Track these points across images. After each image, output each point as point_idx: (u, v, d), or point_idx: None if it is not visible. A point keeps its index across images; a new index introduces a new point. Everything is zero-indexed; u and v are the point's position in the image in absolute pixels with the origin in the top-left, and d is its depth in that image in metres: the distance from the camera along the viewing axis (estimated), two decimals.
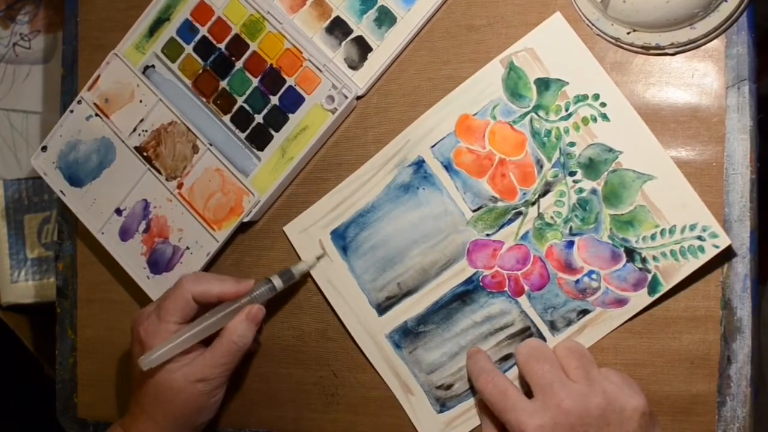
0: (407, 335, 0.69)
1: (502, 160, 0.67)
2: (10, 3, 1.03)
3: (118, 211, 0.75)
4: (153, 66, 0.75)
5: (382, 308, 0.70)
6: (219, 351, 0.66)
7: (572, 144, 0.66)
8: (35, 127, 1.00)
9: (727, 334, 0.64)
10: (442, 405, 0.69)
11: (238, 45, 0.73)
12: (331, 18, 0.71)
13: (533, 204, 0.67)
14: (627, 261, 0.64)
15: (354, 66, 0.71)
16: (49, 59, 1.01)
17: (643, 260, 0.64)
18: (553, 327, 0.66)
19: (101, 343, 0.79)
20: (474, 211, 0.68)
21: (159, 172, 0.73)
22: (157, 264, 0.74)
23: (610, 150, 0.65)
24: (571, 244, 0.66)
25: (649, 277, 0.64)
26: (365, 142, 0.72)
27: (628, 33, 0.65)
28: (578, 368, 0.61)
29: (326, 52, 0.71)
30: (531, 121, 0.67)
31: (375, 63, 0.71)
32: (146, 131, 0.74)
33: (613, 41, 0.66)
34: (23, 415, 1.10)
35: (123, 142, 0.74)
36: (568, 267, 0.66)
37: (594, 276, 0.65)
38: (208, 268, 0.74)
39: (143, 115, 0.74)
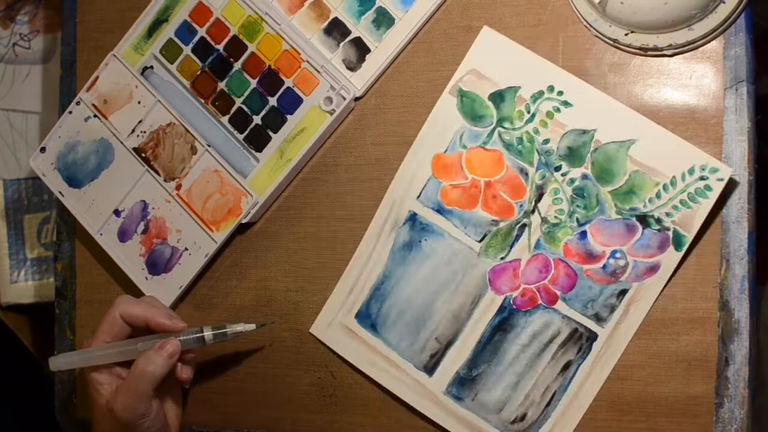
0: (464, 384, 0.68)
1: (487, 183, 0.67)
2: (10, 3, 1.03)
3: (117, 212, 0.75)
4: (151, 67, 0.75)
5: (429, 368, 0.69)
6: (129, 377, 0.65)
7: (546, 141, 0.66)
8: (35, 127, 1.00)
9: (725, 335, 0.64)
10: None
11: (236, 46, 0.73)
12: (330, 19, 0.71)
13: (533, 212, 0.66)
14: (643, 228, 0.64)
15: (352, 67, 0.71)
16: (48, 59, 1.01)
17: (658, 221, 0.64)
18: (598, 319, 0.65)
19: None
20: (480, 241, 0.68)
21: (157, 173, 0.74)
22: (156, 265, 0.74)
23: (584, 131, 0.65)
24: (584, 234, 0.65)
25: (670, 234, 0.63)
26: (363, 144, 0.72)
27: (626, 34, 0.65)
28: None
29: (324, 54, 0.71)
30: (499, 135, 0.67)
31: (373, 64, 0.71)
32: (145, 132, 0.74)
33: (611, 42, 0.66)
34: (23, 415, 1.10)
35: (121, 143, 0.74)
36: (590, 256, 0.65)
37: (618, 255, 0.65)
38: (206, 269, 0.74)
39: (142, 116, 0.74)
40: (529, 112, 0.66)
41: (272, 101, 0.72)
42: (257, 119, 0.72)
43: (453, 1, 0.70)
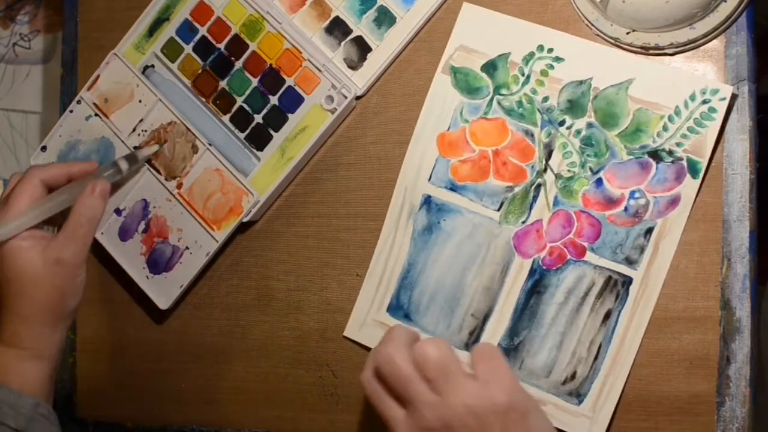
0: (508, 355, 0.67)
1: (495, 151, 0.68)
2: (10, 3, 1.03)
3: (118, 211, 0.75)
4: (152, 66, 0.75)
5: (470, 345, 0.68)
6: (70, 226, 0.65)
7: (546, 99, 0.66)
8: (35, 127, 1.00)
9: (726, 334, 0.64)
10: (578, 396, 0.66)
11: (237, 45, 0.73)
12: (331, 18, 0.71)
13: (545, 170, 0.66)
14: (657, 163, 0.64)
15: (353, 66, 0.71)
16: (49, 59, 1.01)
17: (670, 153, 0.64)
18: (630, 262, 0.65)
19: (100, 343, 0.79)
20: (498, 209, 0.68)
21: (158, 172, 0.73)
22: (157, 264, 0.74)
23: (581, 82, 0.66)
24: (599, 181, 0.65)
25: (685, 163, 0.64)
26: (365, 143, 0.72)
27: (628, 33, 0.65)
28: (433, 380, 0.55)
29: (326, 52, 0.71)
30: (499, 103, 0.67)
31: (374, 63, 0.71)
32: (146, 131, 0.74)
33: (613, 41, 0.66)
34: None
35: (122, 142, 0.74)
36: (610, 202, 0.65)
37: (637, 195, 0.65)
38: (207, 268, 0.74)
39: (143, 115, 0.74)
40: (523, 75, 0.67)
41: (273, 100, 0.72)
42: (258, 118, 0.72)
43: (454, 0, 0.70)
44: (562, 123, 0.66)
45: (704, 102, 0.63)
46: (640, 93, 0.65)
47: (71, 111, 0.76)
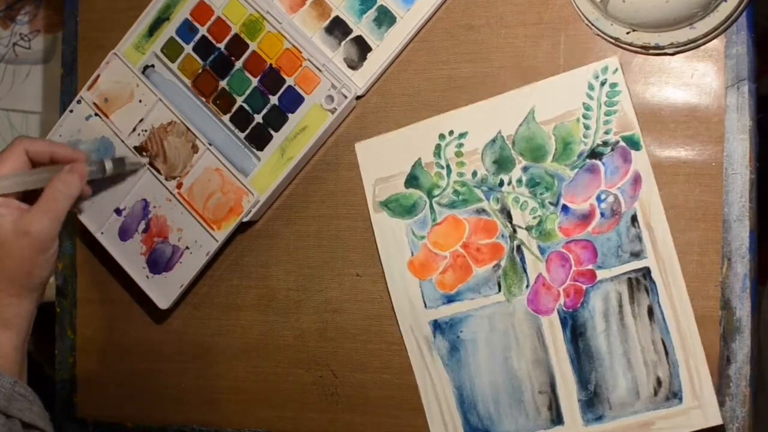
0: (593, 404, 0.66)
1: (463, 245, 0.68)
2: (10, 3, 1.03)
3: (118, 211, 0.75)
4: (152, 66, 0.75)
5: (556, 419, 0.67)
6: (44, 200, 0.65)
7: (474, 173, 0.68)
8: (35, 127, 1.00)
9: (727, 334, 0.64)
10: (675, 395, 0.65)
11: (237, 45, 0.73)
12: (331, 18, 0.72)
13: (515, 231, 0.67)
14: (602, 161, 0.66)
15: (353, 66, 0.71)
16: (49, 59, 1.01)
17: (605, 144, 0.66)
18: (637, 255, 0.65)
19: (100, 342, 0.79)
20: (499, 290, 0.68)
21: (158, 171, 0.73)
22: (157, 264, 0.74)
23: (493, 140, 0.68)
24: (565, 208, 0.66)
25: (623, 143, 0.65)
26: None
27: (628, 33, 0.65)
28: None
29: (326, 52, 0.71)
30: (439, 204, 0.69)
31: (374, 63, 0.71)
32: (146, 131, 0.74)
33: (613, 41, 0.66)
34: None
35: (123, 141, 0.74)
36: (585, 218, 0.66)
37: (603, 197, 0.66)
38: (207, 268, 0.74)
39: (143, 115, 0.74)
40: (443, 168, 0.69)
41: (273, 100, 0.72)
42: (258, 118, 0.72)
43: (454, 0, 0.70)
44: (501, 184, 0.67)
45: (602, 84, 0.65)
46: (546, 113, 0.66)
47: (71, 111, 0.76)
